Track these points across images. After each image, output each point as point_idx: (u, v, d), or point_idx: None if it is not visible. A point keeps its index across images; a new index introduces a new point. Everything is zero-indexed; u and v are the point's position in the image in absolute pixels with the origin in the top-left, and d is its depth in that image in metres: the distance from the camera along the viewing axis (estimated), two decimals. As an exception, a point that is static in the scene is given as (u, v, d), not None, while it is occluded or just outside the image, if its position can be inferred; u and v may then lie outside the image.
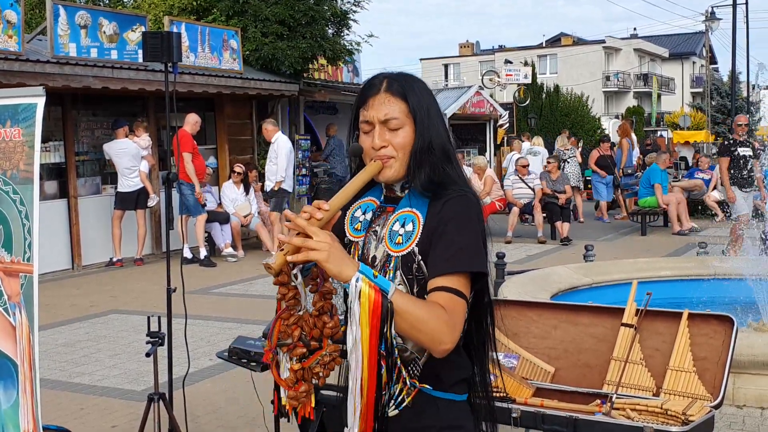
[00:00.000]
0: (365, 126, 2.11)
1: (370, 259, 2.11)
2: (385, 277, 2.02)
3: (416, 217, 2.07)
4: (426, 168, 2.07)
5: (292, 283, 1.96)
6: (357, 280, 1.84)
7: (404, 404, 2.03)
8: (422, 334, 1.89)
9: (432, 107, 2.12)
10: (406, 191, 2.13)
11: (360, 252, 2.14)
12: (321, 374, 1.98)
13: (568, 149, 17.77)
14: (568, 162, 17.28)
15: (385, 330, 1.86)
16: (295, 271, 1.94)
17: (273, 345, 2.01)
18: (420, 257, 2.03)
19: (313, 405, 2.04)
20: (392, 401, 2.02)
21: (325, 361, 1.97)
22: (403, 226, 2.08)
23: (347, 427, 1.93)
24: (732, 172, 10.58)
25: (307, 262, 1.91)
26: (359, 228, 2.17)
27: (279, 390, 2.06)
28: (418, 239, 2.04)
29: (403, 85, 2.11)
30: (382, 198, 2.20)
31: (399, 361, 2.00)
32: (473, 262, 2.01)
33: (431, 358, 2.03)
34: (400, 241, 2.06)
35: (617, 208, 17.19)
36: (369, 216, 2.17)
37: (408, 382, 2.03)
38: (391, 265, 2.06)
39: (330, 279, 1.95)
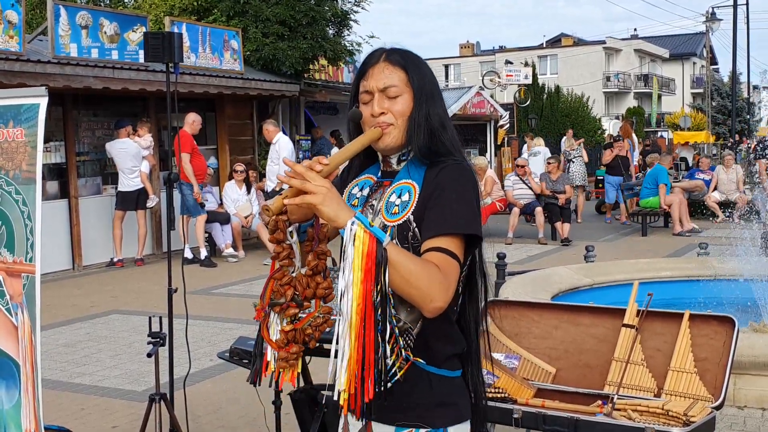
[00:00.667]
0: (365, 96, 2.13)
1: None
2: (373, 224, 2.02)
3: (412, 187, 2.08)
4: (424, 134, 2.09)
5: (287, 242, 1.94)
6: (353, 224, 1.84)
7: (396, 378, 1.99)
8: (414, 288, 1.88)
9: (431, 81, 2.15)
10: (403, 164, 2.15)
11: None
12: (312, 336, 1.96)
13: (574, 149, 17.74)
14: (573, 162, 17.25)
15: (379, 276, 1.83)
16: (290, 229, 1.94)
17: (265, 304, 1.99)
18: (415, 225, 2.03)
19: (299, 370, 2.04)
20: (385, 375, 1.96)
21: (317, 323, 1.95)
22: (399, 196, 2.09)
23: (331, 372, 1.89)
24: None
25: (305, 220, 1.92)
26: (356, 204, 2.17)
27: (262, 355, 2.04)
28: (414, 208, 2.05)
29: (403, 56, 2.14)
30: (379, 174, 2.21)
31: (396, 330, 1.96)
32: (467, 224, 2.00)
33: (424, 329, 2.03)
34: (396, 211, 2.07)
35: (617, 209, 17.15)
36: (366, 192, 2.19)
37: (402, 353, 2.00)
38: (387, 234, 2.02)
39: (326, 240, 1.96)
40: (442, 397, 2.06)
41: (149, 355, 4.32)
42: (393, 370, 1.99)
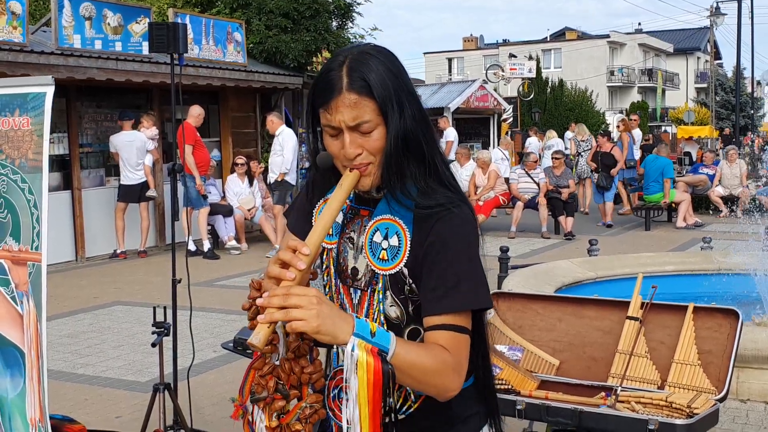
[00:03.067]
0: (330, 130, 1.82)
1: (350, 271, 1.92)
2: (373, 296, 1.87)
3: (401, 229, 1.84)
4: (406, 175, 1.83)
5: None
6: (353, 349, 1.63)
7: (411, 410, 1.88)
8: (428, 386, 1.75)
9: (400, 92, 1.81)
10: (383, 192, 1.88)
11: (335, 261, 1.95)
12: (302, 431, 1.72)
13: (584, 139, 17.54)
14: (582, 156, 17.16)
15: (388, 400, 1.67)
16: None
17: (244, 400, 1.78)
18: (411, 279, 1.83)
19: None
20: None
21: (305, 414, 1.71)
22: (386, 238, 1.85)
23: None
24: None
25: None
26: (331, 233, 1.93)
27: None
28: (406, 258, 1.82)
29: (366, 76, 1.78)
30: (353, 197, 1.94)
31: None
32: (475, 297, 1.80)
33: None
34: (385, 257, 1.84)
35: (620, 203, 17.05)
36: (340, 218, 1.93)
37: (413, 396, 1.88)
38: (380, 284, 1.86)
39: None
40: (461, 411, 1.94)
41: (154, 345, 4.34)
42: (406, 406, 1.89)
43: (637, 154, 17.74)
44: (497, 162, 15.68)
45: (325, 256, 1.96)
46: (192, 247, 11.56)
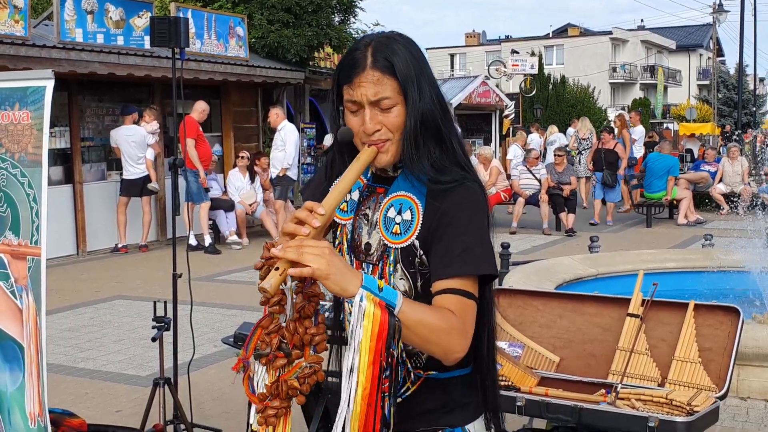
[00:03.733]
0: (352, 106, 1.90)
1: (363, 246, 1.97)
2: (384, 269, 1.92)
3: (414, 204, 1.91)
4: (422, 151, 1.89)
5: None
6: (361, 299, 1.66)
7: (409, 392, 1.92)
8: (433, 345, 1.77)
9: (421, 75, 1.90)
10: (400, 171, 1.96)
11: (349, 236, 1.99)
12: (299, 390, 1.75)
13: (586, 138, 17.40)
14: (583, 154, 17.10)
15: (392, 350, 1.69)
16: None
17: (248, 355, 1.81)
18: (422, 251, 1.88)
19: (289, 428, 1.83)
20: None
21: (305, 374, 1.74)
22: (399, 213, 1.92)
23: None
24: None
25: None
26: (345, 209, 2.00)
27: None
28: (418, 231, 1.89)
29: (389, 57, 1.87)
30: (370, 176, 2.02)
31: (404, 356, 1.85)
32: (481, 263, 1.86)
33: None
34: (398, 231, 1.91)
35: (619, 201, 16.95)
36: (356, 196, 2.00)
37: (413, 375, 1.91)
38: (391, 257, 1.91)
39: (318, 282, 1.73)
40: (458, 398, 1.98)
41: (154, 339, 4.34)
42: (404, 387, 1.91)
43: (639, 152, 17.64)
44: (516, 159, 15.68)
45: (339, 232, 2.01)
46: (193, 241, 11.55)
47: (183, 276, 4.73)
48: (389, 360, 1.70)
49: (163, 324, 4.34)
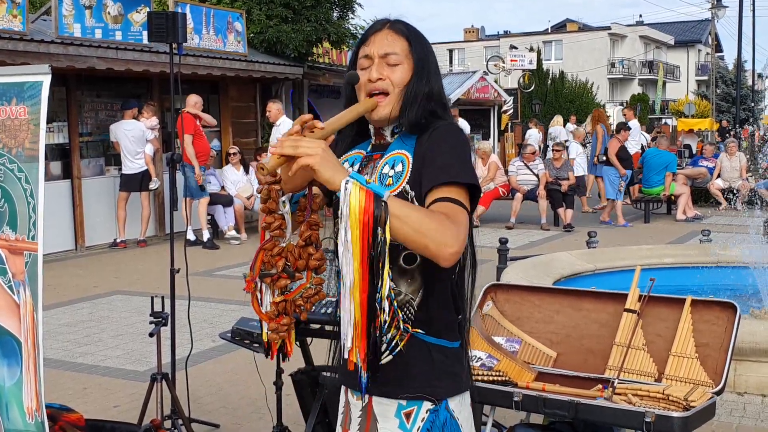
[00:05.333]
0: (364, 61, 2.11)
1: None
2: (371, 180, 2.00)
3: (405, 157, 2.05)
4: (418, 107, 2.07)
5: (279, 212, 1.91)
6: (347, 182, 1.77)
7: (398, 349, 1.97)
8: (426, 237, 1.81)
9: (432, 57, 2.14)
10: (396, 136, 2.12)
11: None
12: (303, 307, 1.93)
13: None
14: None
15: (378, 233, 1.76)
16: (283, 199, 1.89)
17: (255, 275, 1.94)
18: (413, 193, 2.00)
19: (293, 339, 2.00)
20: (386, 347, 1.93)
21: (308, 294, 1.92)
22: (392, 167, 2.06)
23: (343, 334, 1.83)
24: None
25: (298, 190, 1.91)
26: None
27: (280, 364, 2.01)
28: (408, 176, 2.02)
29: (407, 26, 2.13)
30: (370, 148, 2.18)
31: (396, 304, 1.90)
32: (467, 173, 1.98)
33: (425, 299, 2.00)
34: (391, 182, 2.03)
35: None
36: (357, 168, 2.15)
37: (401, 326, 1.97)
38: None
39: (318, 212, 1.93)
40: (442, 368, 2.04)
41: (151, 335, 4.34)
42: (394, 342, 1.97)
43: (635, 148, 17.48)
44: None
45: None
46: (191, 236, 11.56)
47: (181, 271, 4.74)
48: (379, 245, 1.76)
49: (160, 319, 4.34)
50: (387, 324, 1.84)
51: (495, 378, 3.49)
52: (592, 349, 3.81)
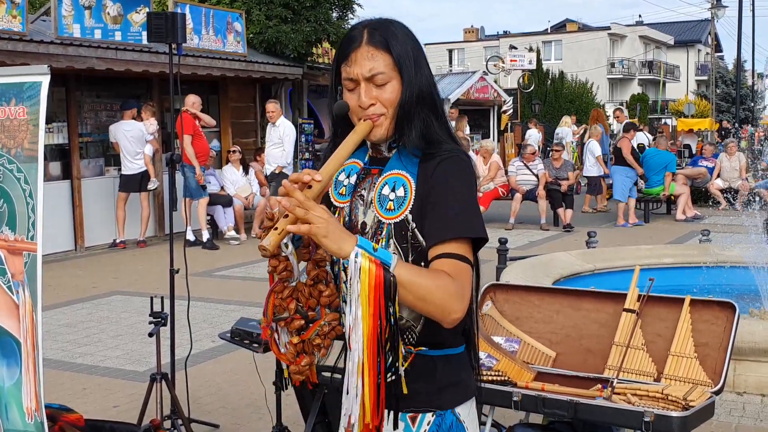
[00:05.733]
0: (349, 83, 1.98)
1: (359, 226, 2.02)
2: (378, 243, 1.95)
3: (407, 180, 1.97)
4: (416, 123, 1.97)
5: (283, 254, 1.86)
6: (356, 256, 1.75)
7: (401, 370, 1.92)
8: (430, 305, 1.80)
9: (417, 54, 2.00)
10: (394, 151, 2.03)
11: (347, 218, 2.04)
12: (321, 345, 1.91)
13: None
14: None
15: (389, 307, 1.76)
16: (285, 241, 1.84)
17: (269, 320, 1.93)
18: (414, 224, 1.94)
19: (314, 380, 1.98)
20: (388, 368, 1.89)
21: (324, 331, 1.89)
22: (393, 190, 1.98)
23: (346, 410, 1.83)
24: None
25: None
26: (344, 192, 2.06)
27: (281, 366, 2.01)
28: (411, 205, 1.95)
29: (384, 35, 1.96)
30: (367, 159, 2.08)
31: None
32: (473, 226, 1.91)
33: (428, 325, 1.96)
34: (392, 207, 1.96)
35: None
36: (353, 180, 2.07)
37: (404, 350, 1.94)
38: (384, 232, 1.96)
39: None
40: (447, 378, 2.00)
41: (151, 335, 4.34)
42: (397, 365, 1.92)
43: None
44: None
45: (336, 215, 2.05)
46: (191, 237, 11.56)
47: (181, 271, 4.74)
48: (388, 318, 1.76)
49: (160, 319, 4.34)
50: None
51: (494, 378, 3.49)
52: (591, 349, 3.82)
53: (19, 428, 3.08)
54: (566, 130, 18.92)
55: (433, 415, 1.99)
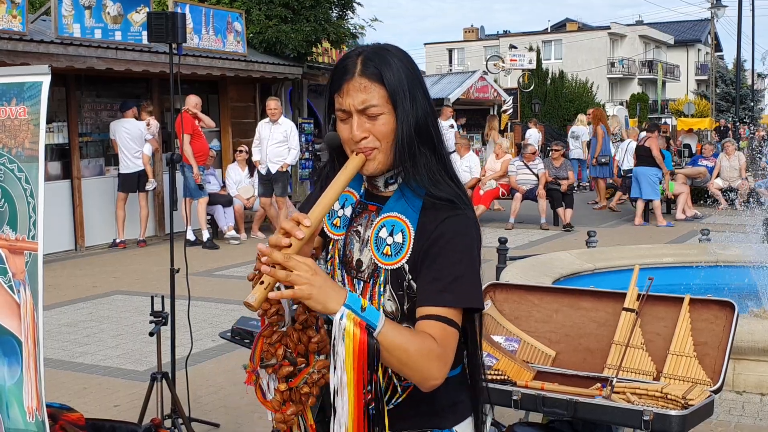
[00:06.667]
0: (341, 114, 1.92)
1: (354, 262, 1.98)
2: (375, 288, 1.93)
3: (406, 227, 1.91)
4: (420, 161, 1.90)
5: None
6: (341, 318, 1.71)
7: (398, 401, 1.92)
8: (411, 370, 1.78)
9: (414, 86, 1.91)
10: (392, 187, 1.97)
11: (341, 252, 2.01)
12: (310, 393, 1.84)
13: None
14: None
15: (372, 372, 1.74)
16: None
17: (255, 366, 1.88)
18: (410, 276, 1.89)
19: (311, 423, 1.93)
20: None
21: (313, 379, 1.83)
22: (391, 234, 1.92)
23: None
24: None
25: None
26: (338, 224, 2.01)
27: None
28: (408, 255, 1.89)
29: (378, 66, 1.88)
30: (363, 191, 2.03)
31: (390, 371, 1.87)
32: (470, 296, 1.87)
33: None
34: (389, 252, 1.91)
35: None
36: (348, 212, 2.01)
37: (399, 389, 1.92)
38: (381, 278, 1.93)
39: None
40: (443, 402, 1.97)
41: (151, 334, 4.35)
42: (394, 398, 1.92)
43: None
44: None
45: (331, 247, 2.03)
46: (191, 236, 11.57)
47: (181, 271, 4.75)
48: (371, 378, 1.75)
49: (160, 319, 4.35)
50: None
51: (494, 377, 3.50)
52: (590, 348, 3.82)
53: (20, 427, 3.09)
54: (582, 129, 18.85)
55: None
